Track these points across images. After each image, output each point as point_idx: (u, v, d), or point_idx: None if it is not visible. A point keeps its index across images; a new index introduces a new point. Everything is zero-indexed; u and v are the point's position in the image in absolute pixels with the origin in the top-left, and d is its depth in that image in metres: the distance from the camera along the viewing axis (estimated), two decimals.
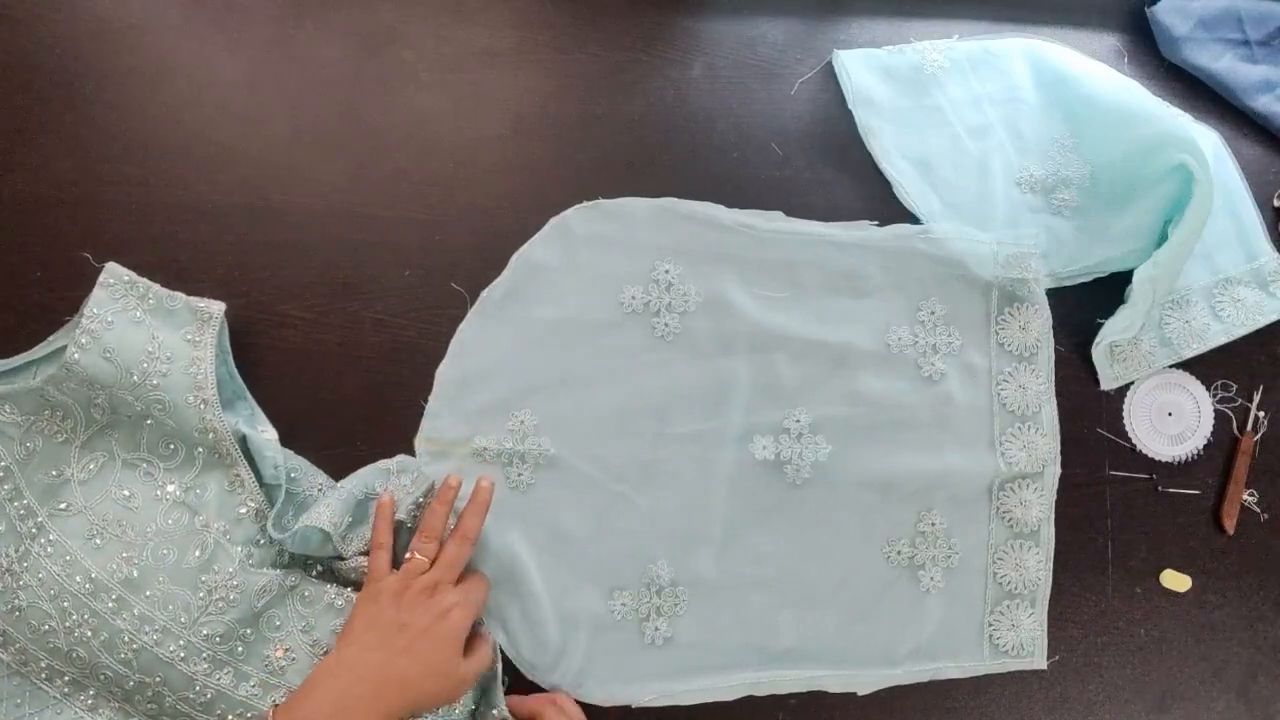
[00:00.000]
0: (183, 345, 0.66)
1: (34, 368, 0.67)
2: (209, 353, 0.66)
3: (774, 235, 0.75)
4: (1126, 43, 0.83)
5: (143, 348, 0.64)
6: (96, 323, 0.63)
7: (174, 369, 0.64)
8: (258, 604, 0.63)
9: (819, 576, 0.73)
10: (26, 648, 0.61)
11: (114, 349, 0.63)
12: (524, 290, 0.73)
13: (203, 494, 0.65)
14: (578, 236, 0.74)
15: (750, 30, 0.80)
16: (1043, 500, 0.74)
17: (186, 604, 0.61)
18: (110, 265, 0.66)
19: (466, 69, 0.76)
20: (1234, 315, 0.77)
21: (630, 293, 0.74)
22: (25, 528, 0.63)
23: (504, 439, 0.71)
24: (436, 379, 0.72)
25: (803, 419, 0.73)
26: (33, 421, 0.65)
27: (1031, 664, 0.73)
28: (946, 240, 0.76)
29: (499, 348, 0.72)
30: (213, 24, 0.75)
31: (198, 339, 0.66)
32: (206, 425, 0.64)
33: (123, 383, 0.63)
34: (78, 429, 0.65)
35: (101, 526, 0.63)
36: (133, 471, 0.65)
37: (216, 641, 0.61)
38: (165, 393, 0.64)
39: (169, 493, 0.64)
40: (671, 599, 0.71)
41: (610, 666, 0.70)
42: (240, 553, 0.63)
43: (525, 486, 0.71)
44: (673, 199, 0.75)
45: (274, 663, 0.63)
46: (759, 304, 0.74)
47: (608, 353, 0.73)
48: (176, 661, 0.61)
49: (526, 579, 0.70)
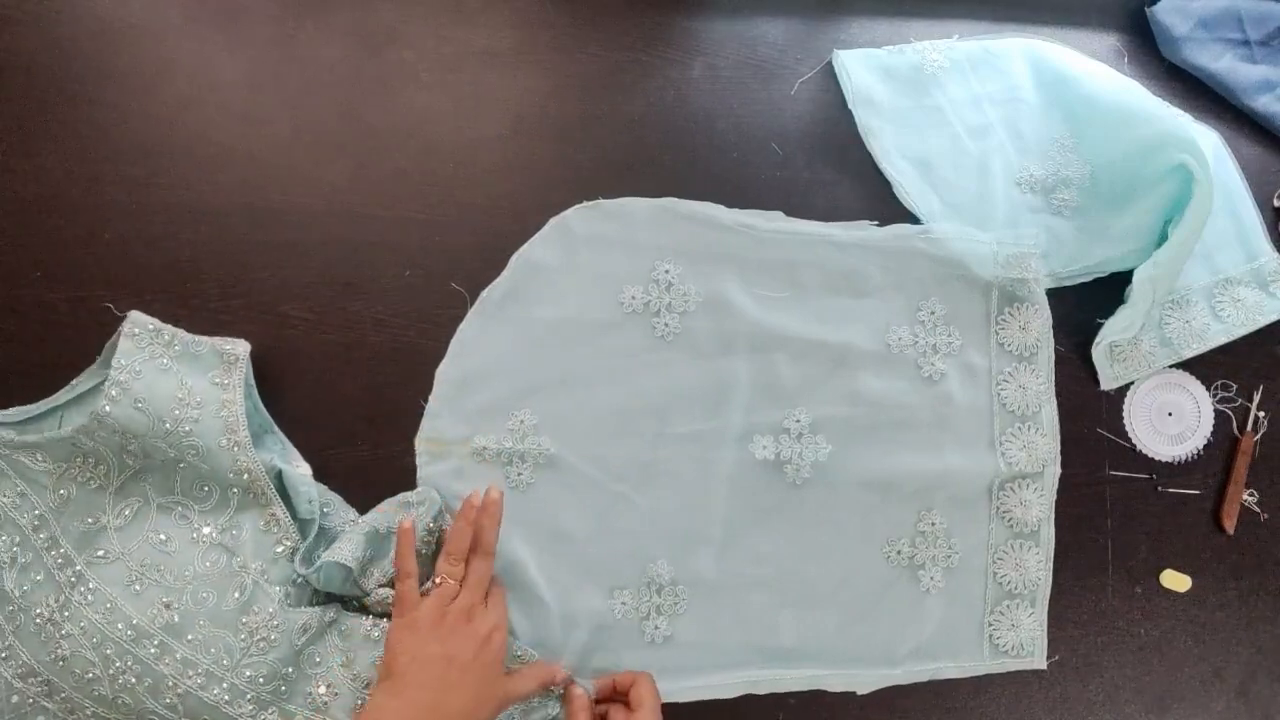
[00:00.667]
0: (211, 389, 0.65)
1: (59, 414, 0.67)
2: (238, 394, 0.65)
3: (774, 235, 0.75)
4: (1126, 43, 0.83)
5: (172, 395, 0.64)
6: (125, 373, 0.63)
7: (205, 414, 0.64)
8: (298, 641, 0.63)
9: (819, 576, 0.73)
10: (71, 696, 0.61)
11: (145, 398, 0.63)
12: (524, 290, 0.73)
13: (239, 534, 0.65)
14: (578, 236, 0.74)
15: (750, 30, 0.80)
16: (1043, 500, 0.74)
17: (229, 646, 0.61)
18: (133, 314, 0.66)
19: (466, 69, 0.76)
20: (1234, 315, 0.77)
21: (630, 293, 0.74)
22: (64, 576, 0.62)
23: (504, 438, 0.71)
24: (436, 379, 0.72)
25: (803, 419, 0.73)
26: (65, 469, 0.64)
27: (1031, 664, 0.74)
28: (946, 240, 0.76)
29: (499, 348, 0.72)
30: (213, 24, 0.75)
31: (225, 381, 0.66)
32: (240, 467, 0.64)
33: (155, 430, 0.63)
34: (111, 475, 0.64)
35: (140, 572, 0.62)
36: (168, 515, 0.65)
37: (260, 682, 0.61)
38: (198, 438, 0.63)
39: (205, 535, 0.64)
40: (672, 598, 0.71)
41: (610, 665, 0.70)
42: (279, 592, 0.63)
43: (525, 486, 0.71)
44: (673, 199, 0.75)
45: (317, 699, 0.63)
46: (759, 304, 0.74)
47: (608, 353, 0.73)
48: (222, 704, 0.61)
49: (527, 578, 0.70)
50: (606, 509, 0.72)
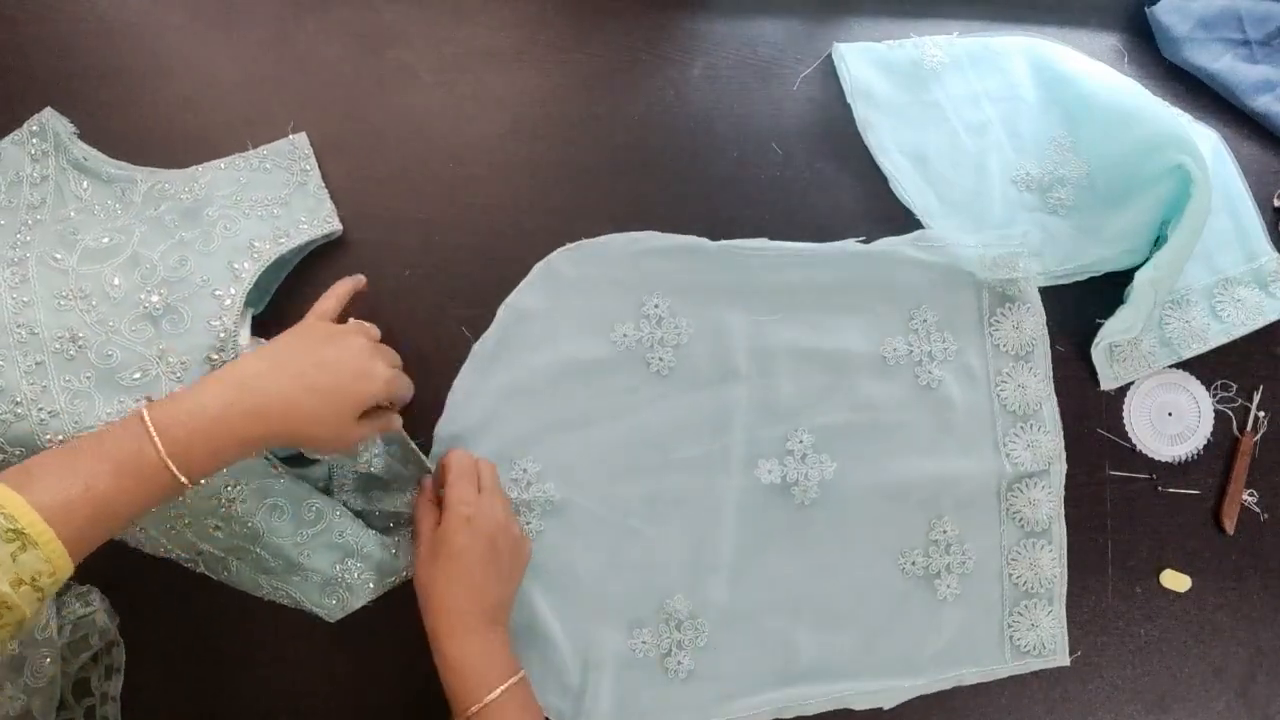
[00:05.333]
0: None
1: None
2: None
3: (760, 257, 0.74)
4: (1126, 43, 0.83)
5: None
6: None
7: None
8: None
9: (835, 594, 0.72)
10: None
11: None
12: (515, 338, 0.72)
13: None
14: (564, 279, 0.73)
15: (750, 30, 0.80)
16: (1051, 498, 0.74)
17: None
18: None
19: (466, 69, 0.76)
20: (1234, 315, 0.77)
21: (622, 330, 0.73)
22: (15, 255, 0.61)
23: (508, 489, 0.70)
24: (435, 436, 0.71)
25: (805, 439, 0.73)
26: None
27: (1054, 661, 0.73)
28: (933, 246, 0.75)
29: (495, 399, 0.71)
30: (213, 24, 0.75)
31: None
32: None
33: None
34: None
35: (71, 295, 0.61)
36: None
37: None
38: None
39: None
40: (692, 632, 0.71)
41: (635, 705, 0.70)
42: None
43: (535, 534, 0.71)
44: (653, 233, 0.74)
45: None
46: (752, 328, 0.74)
47: (605, 392, 0.73)
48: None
49: (543, 626, 0.69)
50: (617, 546, 0.71)
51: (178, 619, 0.70)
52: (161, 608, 0.70)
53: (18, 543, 0.46)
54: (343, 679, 0.71)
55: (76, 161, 0.70)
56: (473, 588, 0.62)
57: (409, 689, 0.70)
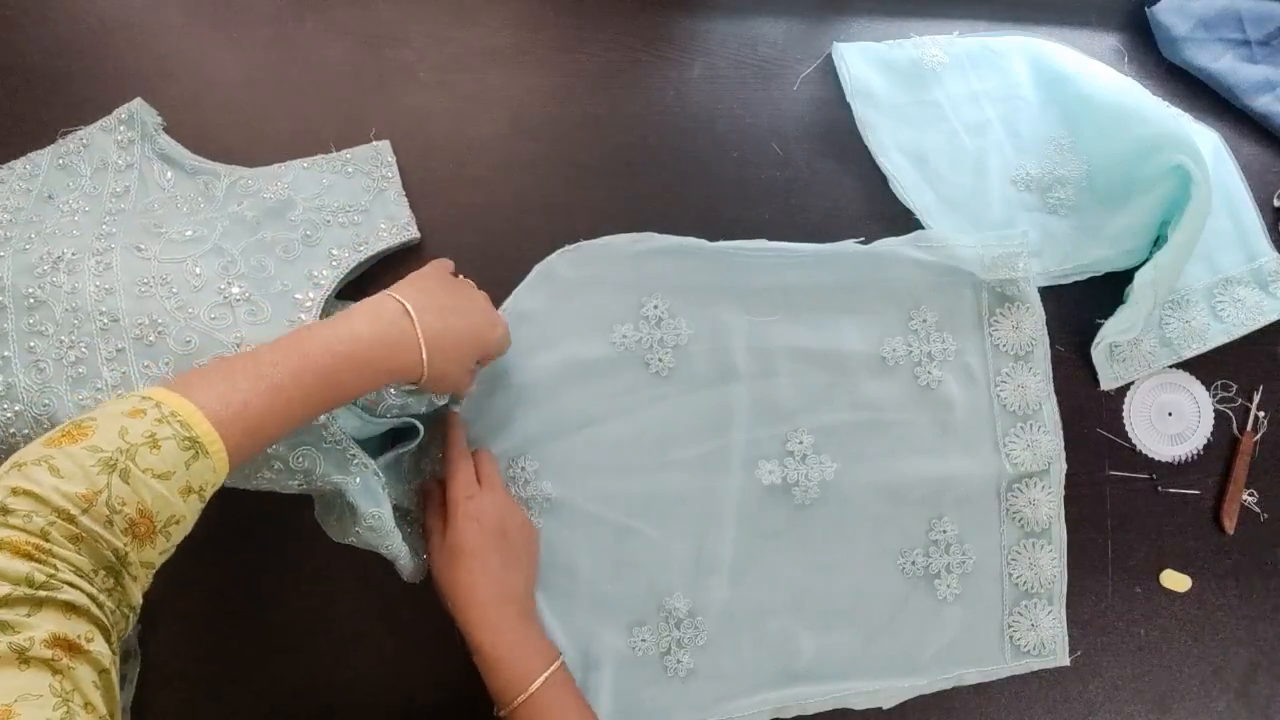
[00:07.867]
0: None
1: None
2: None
3: (759, 258, 0.74)
4: (1126, 43, 0.83)
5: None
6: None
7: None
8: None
9: (835, 594, 0.72)
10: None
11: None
12: (515, 339, 0.71)
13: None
14: (563, 281, 0.73)
15: (750, 30, 0.80)
16: (1051, 498, 0.74)
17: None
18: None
19: (466, 69, 0.76)
20: (1234, 315, 0.77)
21: (621, 331, 0.73)
22: (101, 245, 0.62)
23: (508, 487, 0.70)
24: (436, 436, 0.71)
25: (805, 439, 0.73)
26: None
27: (1054, 662, 0.73)
28: (933, 246, 0.75)
29: (493, 400, 0.72)
30: (213, 24, 0.75)
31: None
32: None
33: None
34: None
35: (154, 282, 0.61)
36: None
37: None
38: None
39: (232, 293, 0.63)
40: (691, 630, 0.71)
41: (635, 704, 0.70)
42: None
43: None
44: (651, 234, 0.74)
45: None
46: (752, 328, 0.74)
47: (604, 393, 0.73)
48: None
49: (544, 623, 0.69)
50: (616, 544, 0.71)
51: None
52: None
53: (192, 451, 0.46)
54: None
55: (161, 151, 0.71)
56: (494, 578, 0.63)
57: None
